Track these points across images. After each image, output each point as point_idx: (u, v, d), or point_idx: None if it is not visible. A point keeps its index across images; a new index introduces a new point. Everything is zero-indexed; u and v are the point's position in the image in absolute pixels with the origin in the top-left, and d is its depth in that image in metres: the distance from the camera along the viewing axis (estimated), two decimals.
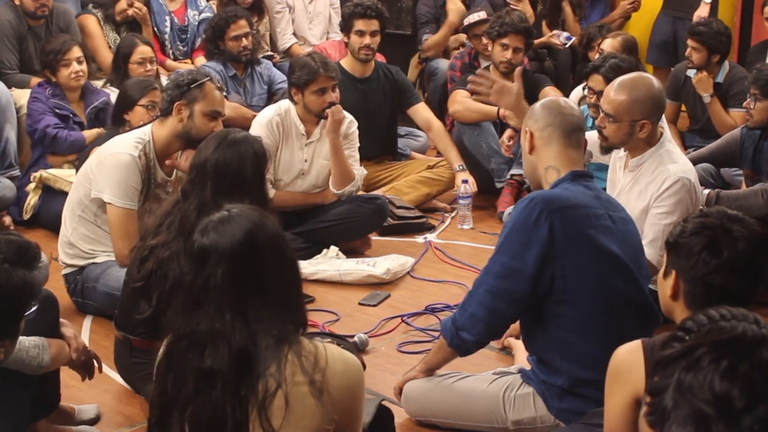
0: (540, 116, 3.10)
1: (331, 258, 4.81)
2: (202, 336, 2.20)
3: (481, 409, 3.20)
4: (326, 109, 4.82)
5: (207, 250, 2.24)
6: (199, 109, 4.00)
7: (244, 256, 2.22)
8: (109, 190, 4.01)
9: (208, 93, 4.02)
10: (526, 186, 5.82)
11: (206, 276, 2.21)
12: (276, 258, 2.26)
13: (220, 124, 4.04)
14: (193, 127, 4.02)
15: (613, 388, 2.35)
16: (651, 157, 3.83)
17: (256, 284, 2.22)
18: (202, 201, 3.21)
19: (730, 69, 6.00)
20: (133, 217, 4.03)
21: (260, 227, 2.26)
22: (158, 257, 3.24)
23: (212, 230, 2.26)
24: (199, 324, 2.21)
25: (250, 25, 6.20)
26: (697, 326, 1.61)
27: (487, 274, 3.03)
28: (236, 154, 3.26)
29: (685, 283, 2.34)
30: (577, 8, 7.43)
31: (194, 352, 2.20)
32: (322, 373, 2.17)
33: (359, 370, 2.30)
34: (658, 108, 3.81)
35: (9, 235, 2.65)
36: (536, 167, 3.12)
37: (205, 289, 2.22)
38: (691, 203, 3.82)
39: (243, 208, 2.32)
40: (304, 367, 2.16)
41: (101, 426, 3.35)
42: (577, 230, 2.93)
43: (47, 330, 2.93)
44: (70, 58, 5.39)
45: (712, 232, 2.31)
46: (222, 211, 2.31)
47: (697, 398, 1.40)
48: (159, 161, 4.11)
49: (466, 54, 6.38)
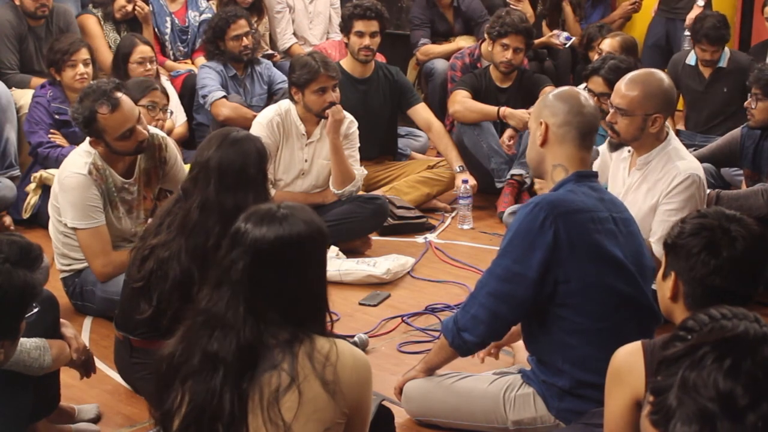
0: (560, 111, 3.05)
1: (331, 258, 4.80)
2: (216, 318, 2.23)
3: (482, 409, 3.20)
4: (326, 109, 4.82)
5: (239, 236, 2.27)
6: (109, 138, 3.97)
7: (266, 258, 2.24)
8: (70, 215, 4.01)
9: (105, 124, 3.92)
10: (526, 186, 5.83)
11: (231, 261, 2.25)
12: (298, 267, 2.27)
13: (141, 131, 3.97)
14: (117, 150, 4.01)
15: (613, 390, 2.34)
16: (659, 155, 3.82)
17: (274, 288, 2.23)
18: (205, 198, 3.21)
19: (731, 54, 6.05)
20: (100, 232, 4.02)
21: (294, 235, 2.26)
22: (158, 257, 3.24)
23: (253, 219, 2.28)
24: (217, 305, 2.24)
25: (249, 24, 6.20)
26: (699, 325, 1.61)
27: (490, 277, 3.02)
28: (239, 152, 3.26)
29: (685, 285, 2.33)
30: (578, 8, 7.44)
31: (206, 330, 2.24)
32: (333, 367, 2.20)
33: (367, 365, 2.32)
34: (670, 103, 3.82)
35: (11, 236, 2.65)
36: (544, 161, 3.09)
37: (227, 272, 2.26)
38: (699, 200, 3.82)
39: (296, 211, 2.31)
40: (315, 366, 2.19)
41: (101, 426, 3.35)
42: (582, 236, 2.92)
43: (48, 331, 2.93)
44: (77, 60, 5.38)
45: (710, 233, 2.30)
46: (275, 205, 2.33)
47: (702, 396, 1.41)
48: (112, 167, 4.08)
49: (466, 54, 6.37)
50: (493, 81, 5.97)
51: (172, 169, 4.27)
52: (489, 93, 5.94)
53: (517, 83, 5.96)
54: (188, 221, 3.21)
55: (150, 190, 4.23)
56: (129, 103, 4.00)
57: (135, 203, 4.17)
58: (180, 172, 4.28)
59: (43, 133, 5.38)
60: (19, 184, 5.43)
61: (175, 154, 4.32)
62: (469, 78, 6.01)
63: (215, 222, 3.17)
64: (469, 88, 5.92)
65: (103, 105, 3.91)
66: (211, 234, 3.15)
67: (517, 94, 5.94)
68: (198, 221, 3.21)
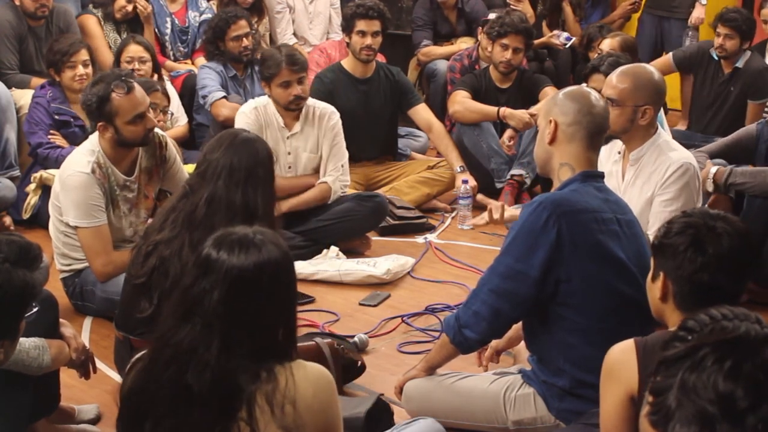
0: (570, 111, 3.05)
1: (331, 258, 4.81)
2: (186, 353, 2.10)
3: (482, 409, 3.20)
4: (293, 102, 4.83)
5: (212, 264, 2.13)
6: (120, 122, 3.99)
7: (246, 286, 2.11)
8: (72, 213, 4.02)
9: (118, 105, 3.96)
10: (526, 186, 5.83)
11: (202, 290, 2.11)
12: (278, 294, 2.15)
13: (150, 119, 4.04)
14: (124, 138, 4.02)
15: (607, 387, 2.37)
16: (650, 149, 3.83)
17: (249, 317, 2.11)
18: (213, 193, 3.21)
19: (749, 57, 6.08)
20: (102, 231, 4.03)
21: (272, 262, 2.13)
22: (161, 254, 3.24)
23: (226, 246, 2.14)
24: (185, 338, 2.11)
25: (250, 25, 6.19)
26: (700, 326, 1.61)
27: (492, 274, 3.03)
28: (250, 152, 3.28)
29: (674, 284, 2.37)
30: (578, 8, 7.44)
31: (176, 367, 2.10)
32: (292, 404, 2.08)
33: (328, 384, 2.20)
34: (660, 95, 3.82)
35: (11, 236, 2.65)
36: (551, 159, 3.09)
37: (199, 302, 2.12)
38: (694, 189, 3.81)
39: (268, 237, 2.18)
40: (275, 411, 2.07)
41: (101, 426, 3.35)
42: (585, 236, 2.92)
43: (47, 331, 2.93)
44: (76, 61, 5.38)
45: (695, 230, 2.35)
46: (246, 230, 2.19)
47: (701, 398, 1.40)
48: (115, 165, 4.09)
49: (465, 56, 6.38)
50: (493, 81, 5.97)
51: (171, 168, 4.28)
52: (489, 93, 5.94)
53: (517, 83, 5.97)
54: (195, 216, 3.21)
55: (151, 189, 4.24)
56: (141, 90, 4.07)
57: (135, 202, 4.18)
58: (179, 171, 4.29)
59: (42, 133, 5.37)
60: (19, 184, 5.42)
61: (174, 153, 4.33)
62: (468, 78, 6.01)
63: (222, 218, 3.17)
64: (469, 88, 5.92)
65: (119, 86, 3.96)
66: (217, 230, 3.14)
67: (516, 94, 5.94)
68: (205, 215, 3.21)
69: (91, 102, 4.00)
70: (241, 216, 3.13)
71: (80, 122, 5.46)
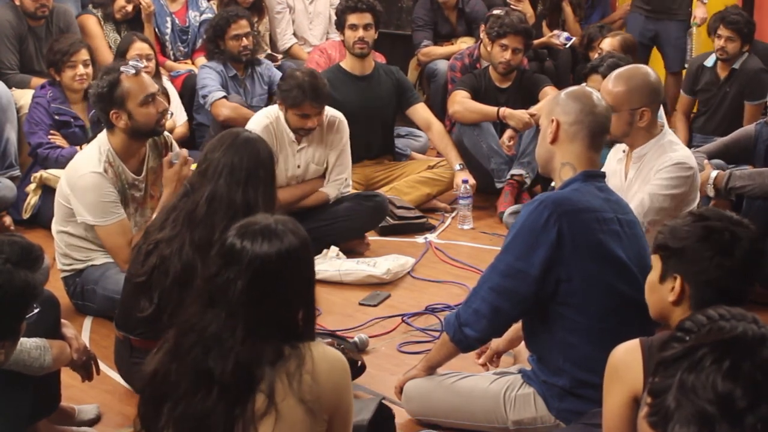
0: (572, 110, 3.06)
1: (331, 258, 4.82)
2: (211, 338, 2.18)
3: (482, 409, 3.20)
4: (304, 131, 4.84)
5: (236, 254, 2.20)
6: (132, 105, 4.02)
7: (269, 274, 2.19)
8: (90, 214, 4.02)
9: (129, 87, 4.02)
10: (526, 186, 5.83)
11: (227, 280, 2.19)
12: (298, 280, 2.24)
13: (160, 102, 4.08)
14: (138, 123, 4.05)
15: (612, 387, 2.36)
16: (653, 148, 3.83)
17: (272, 303, 2.20)
18: (215, 191, 3.21)
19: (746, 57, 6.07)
20: (124, 225, 4.06)
21: (293, 250, 2.22)
22: (161, 253, 3.24)
23: (249, 236, 2.22)
24: (210, 325, 2.19)
25: (250, 24, 6.19)
26: (697, 326, 1.61)
27: (493, 272, 3.03)
28: (251, 152, 3.27)
29: (693, 287, 2.35)
30: (578, 8, 7.43)
31: (199, 350, 2.19)
32: (310, 377, 2.17)
33: (343, 366, 2.29)
34: (656, 95, 3.82)
35: (12, 236, 2.65)
36: (553, 158, 3.10)
37: (223, 292, 2.20)
38: (688, 187, 3.80)
39: (288, 226, 2.27)
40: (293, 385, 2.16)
41: (101, 426, 3.36)
42: (586, 235, 2.93)
43: (48, 331, 2.94)
44: (76, 60, 5.38)
45: (719, 236, 2.34)
46: (268, 219, 2.27)
47: (700, 398, 1.41)
48: (125, 163, 4.11)
49: (465, 55, 6.38)
50: (493, 81, 5.97)
51: None
52: (488, 93, 5.94)
53: (517, 83, 5.97)
54: (196, 214, 3.22)
55: (156, 189, 4.24)
56: (147, 75, 4.17)
57: (142, 201, 4.20)
58: None
59: (42, 133, 5.38)
60: (19, 184, 5.43)
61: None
62: (468, 78, 6.01)
63: (222, 217, 3.17)
64: (469, 88, 5.92)
65: (127, 69, 4.03)
66: (217, 228, 3.15)
67: (516, 94, 5.94)
68: (206, 214, 3.21)
69: (103, 89, 4.02)
70: (241, 215, 3.13)
71: (80, 122, 5.47)
